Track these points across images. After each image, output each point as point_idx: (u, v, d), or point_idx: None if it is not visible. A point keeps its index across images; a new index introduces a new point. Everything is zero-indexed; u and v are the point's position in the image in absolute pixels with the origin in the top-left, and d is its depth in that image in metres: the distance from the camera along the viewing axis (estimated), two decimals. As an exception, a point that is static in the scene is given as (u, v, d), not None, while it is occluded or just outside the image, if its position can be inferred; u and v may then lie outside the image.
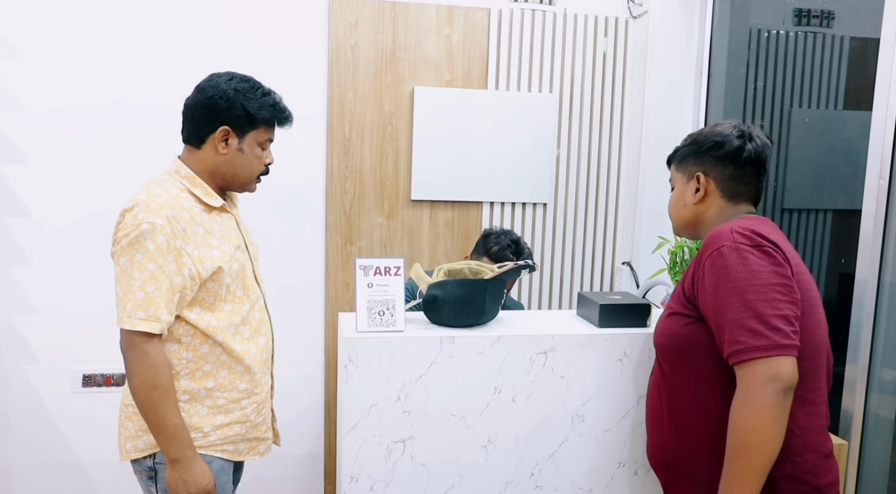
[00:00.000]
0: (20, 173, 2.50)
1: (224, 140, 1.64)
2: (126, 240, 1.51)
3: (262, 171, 1.73)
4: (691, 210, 1.51)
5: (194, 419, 1.60)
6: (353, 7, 2.63)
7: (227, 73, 1.67)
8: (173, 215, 1.54)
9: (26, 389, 2.60)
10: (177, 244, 1.53)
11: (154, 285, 1.50)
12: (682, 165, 1.53)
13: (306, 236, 2.73)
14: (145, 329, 1.50)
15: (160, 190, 1.58)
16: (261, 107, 1.65)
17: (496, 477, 1.66)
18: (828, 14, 2.79)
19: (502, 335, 1.62)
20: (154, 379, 1.51)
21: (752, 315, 1.25)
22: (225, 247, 1.62)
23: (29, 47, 2.45)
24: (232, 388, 1.64)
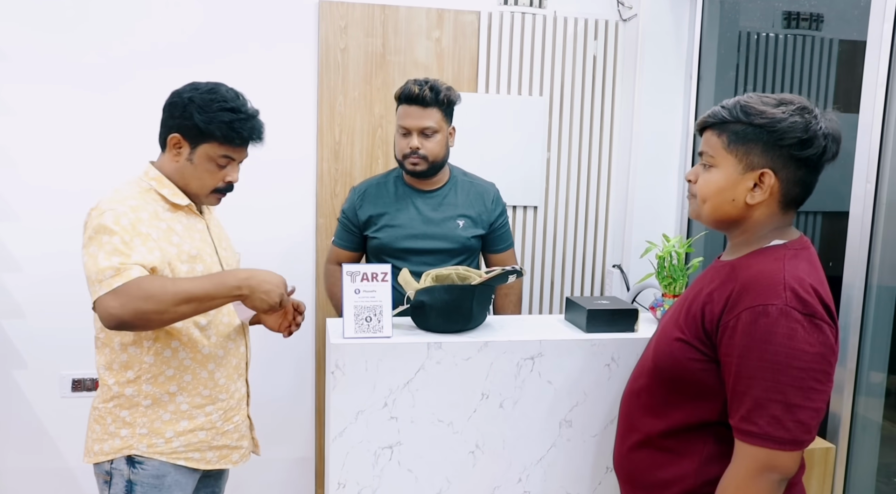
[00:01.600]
0: (9, 177, 2.49)
1: (176, 147, 1.63)
2: (91, 230, 1.51)
3: (220, 188, 1.68)
4: (740, 208, 1.26)
5: (156, 424, 1.60)
6: (342, 10, 2.62)
7: (203, 82, 1.65)
8: (136, 205, 1.55)
9: (15, 394, 2.59)
10: (142, 229, 1.52)
11: (119, 256, 1.46)
12: (739, 147, 1.24)
13: (296, 240, 2.72)
14: (121, 281, 1.43)
15: (125, 187, 1.61)
16: (210, 121, 1.59)
17: (484, 483, 1.66)
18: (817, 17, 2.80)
19: (489, 340, 1.62)
20: (157, 295, 1.44)
21: (780, 400, 1.12)
22: (185, 246, 1.61)
23: (17, 51, 2.44)
24: (195, 393, 1.63)
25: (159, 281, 1.48)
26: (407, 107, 2.12)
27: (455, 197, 2.23)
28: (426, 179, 2.21)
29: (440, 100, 2.11)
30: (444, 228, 2.18)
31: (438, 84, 2.13)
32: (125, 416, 1.60)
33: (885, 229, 1.85)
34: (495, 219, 2.28)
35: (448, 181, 2.25)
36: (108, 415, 1.61)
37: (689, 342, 1.26)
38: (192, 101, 1.59)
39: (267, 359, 2.72)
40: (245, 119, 1.63)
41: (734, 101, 1.26)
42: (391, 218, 2.19)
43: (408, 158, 2.13)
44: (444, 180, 2.24)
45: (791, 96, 1.24)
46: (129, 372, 1.59)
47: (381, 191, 2.23)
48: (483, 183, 2.31)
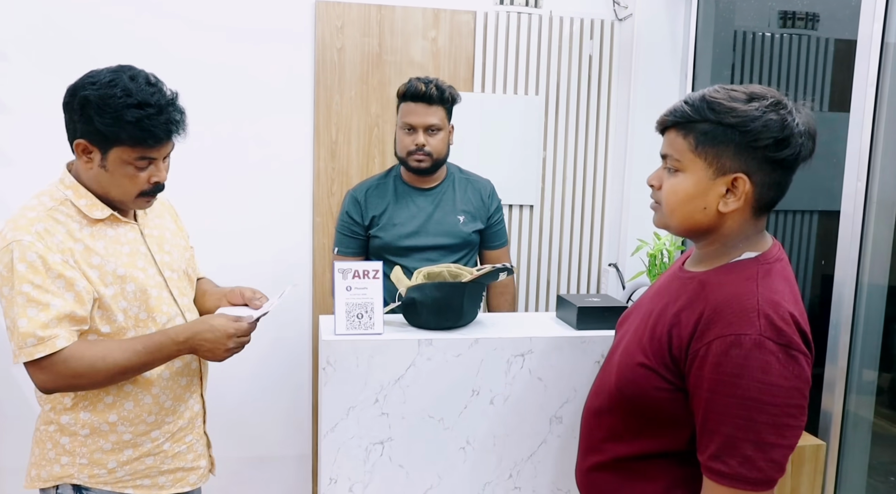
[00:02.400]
0: (6, 177, 2.51)
1: (86, 154, 1.43)
2: (1, 267, 1.36)
3: (146, 190, 1.47)
4: (712, 217, 1.15)
5: (96, 455, 1.48)
6: (339, 10, 2.64)
7: (103, 71, 1.43)
8: (44, 229, 1.38)
9: (15, 392, 2.60)
10: (54, 260, 1.36)
11: (36, 308, 1.34)
12: (708, 149, 1.11)
13: (293, 239, 2.74)
14: (44, 353, 1.34)
15: (34, 202, 1.43)
16: (115, 122, 1.36)
17: (475, 478, 1.68)
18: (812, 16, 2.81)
19: (480, 337, 1.63)
20: (87, 374, 1.37)
21: (752, 439, 1.04)
22: (109, 266, 1.44)
23: (14, 51, 2.46)
24: (139, 421, 1.51)
25: (88, 356, 1.37)
26: (412, 105, 2.14)
27: (453, 193, 2.26)
28: (426, 177, 2.23)
29: (445, 99, 2.15)
30: (445, 225, 2.21)
31: (442, 82, 2.16)
32: (65, 443, 1.48)
33: (875, 227, 1.86)
34: (492, 213, 2.31)
35: (445, 178, 2.27)
36: (48, 440, 1.49)
37: (654, 369, 1.16)
38: (88, 101, 1.37)
39: (263, 357, 2.73)
40: (156, 113, 1.39)
41: (699, 96, 1.14)
42: (392, 216, 2.21)
43: (412, 155, 2.15)
44: (442, 177, 2.27)
45: (762, 89, 1.13)
46: (66, 399, 1.47)
47: (383, 191, 2.25)
48: (479, 179, 2.34)
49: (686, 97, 1.17)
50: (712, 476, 1.08)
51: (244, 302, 1.69)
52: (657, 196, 1.23)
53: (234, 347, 1.51)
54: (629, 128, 2.85)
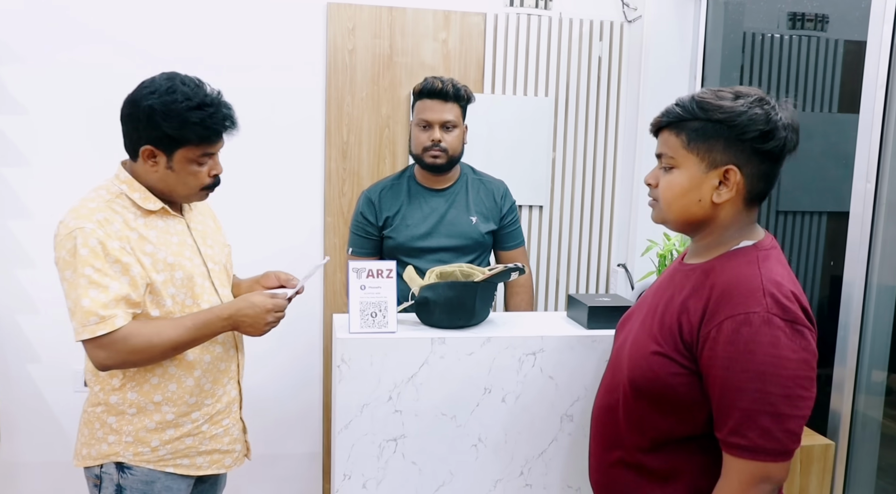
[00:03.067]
0: (22, 175, 2.54)
1: (151, 158, 1.54)
2: (64, 252, 1.47)
3: (208, 184, 1.62)
4: (706, 209, 1.22)
5: (141, 433, 1.58)
6: (350, 12, 2.66)
7: (157, 79, 1.54)
8: (104, 218, 1.50)
9: (29, 388, 2.64)
10: (112, 246, 1.48)
11: (97, 289, 1.45)
12: (700, 145, 1.19)
13: (304, 238, 2.76)
14: (105, 330, 1.45)
15: (93, 195, 1.55)
16: (182, 125, 1.49)
17: (486, 476, 1.69)
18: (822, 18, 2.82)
19: (492, 336, 1.65)
20: (144, 350, 1.49)
21: (768, 411, 1.09)
22: (160, 254, 1.56)
23: (31, 51, 2.50)
24: (181, 402, 1.61)
25: (145, 332, 1.49)
26: (428, 102, 2.15)
27: (466, 194, 2.27)
28: (440, 175, 2.23)
29: (460, 96, 2.16)
30: (458, 226, 2.22)
31: (457, 81, 2.19)
32: (112, 423, 1.58)
33: (884, 228, 1.87)
34: (505, 214, 2.32)
35: (459, 179, 2.28)
36: (96, 420, 1.59)
37: (668, 355, 1.21)
38: (154, 110, 1.48)
39: (275, 355, 2.76)
40: (214, 111, 1.53)
41: (688, 98, 1.22)
42: (406, 217, 2.22)
43: (428, 151, 2.15)
44: (455, 178, 2.27)
45: (747, 88, 1.20)
46: (115, 380, 1.57)
47: (397, 192, 2.25)
48: (493, 180, 2.35)
49: (677, 100, 1.24)
50: (733, 450, 1.13)
51: (280, 284, 1.79)
52: (654, 193, 1.30)
53: (273, 321, 1.63)
54: (638, 129, 2.87)
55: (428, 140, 2.15)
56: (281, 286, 1.79)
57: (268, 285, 1.80)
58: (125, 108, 1.55)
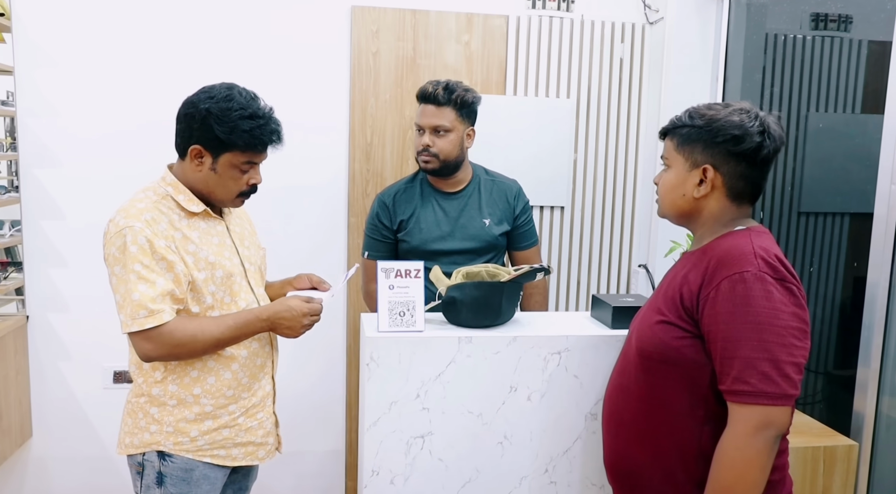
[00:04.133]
0: (56, 177, 2.60)
1: (198, 158, 1.63)
2: (114, 249, 1.56)
3: (245, 191, 1.70)
4: (690, 202, 1.39)
5: (181, 424, 1.65)
6: (374, 15, 2.70)
7: (217, 87, 1.64)
8: (152, 218, 1.58)
9: (61, 384, 2.70)
10: (159, 244, 1.56)
11: (146, 284, 1.54)
12: (685, 147, 1.37)
13: (328, 238, 2.80)
14: (154, 324, 1.53)
15: (141, 195, 1.64)
16: (232, 131, 1.59)
17: (511, 473, 1.72)
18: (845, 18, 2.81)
19: (518, 335, 1.67)
20: (188, 344, 1.57)
21: (766, 357, 1.21)
22: (202, 253, 1.64)
23: (65, 56, 2.55)
24: (219, 394, 1.68)
25: (189, 328, 1.58)
26: (422, 106, 2.17)
27: (479, 196, 2.27)
28: (445, 179, 2.23)
29: (453, 100, 2.13)
30: (470, 228, 2.23)
31: (455, 84, 2.16)
32: (154, 413, 1.66)
33: (909, 230, 1.87)
34: (518, 214, 2.31)
35: (471, 181, 2.28)
36: (139, 411, 1.67)
37: (671, 321, 1.34)
38: (210, 113, 1.59)
39: (299, 354, 2.80)
40: (264, 123, 1.63)
41: (688, 109, 1.40)
42: (419, 220, 2.23)
43: (420, 155, 2.18)
44: (468, 180, 2.28)
45: (740, 103, 1.36)
46: (157, 373, 1.65)
47: (411, 194, 2.27)
48: (505, 180, 2.35)
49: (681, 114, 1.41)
50: (736, 397, 1.23)
51: (312, 285, 1.87)
52: (657, 191, 1.48)
53: (308, 325, 1.70)
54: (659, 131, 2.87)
55: (420, 144, 2.17)
56: (313, 287, 1.86)
57: (299, 286, 1.87)
58: (183, 108, 1.64)
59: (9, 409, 2.52)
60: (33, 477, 2.74)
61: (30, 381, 2.68)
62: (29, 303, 2.65)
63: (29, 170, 2.59)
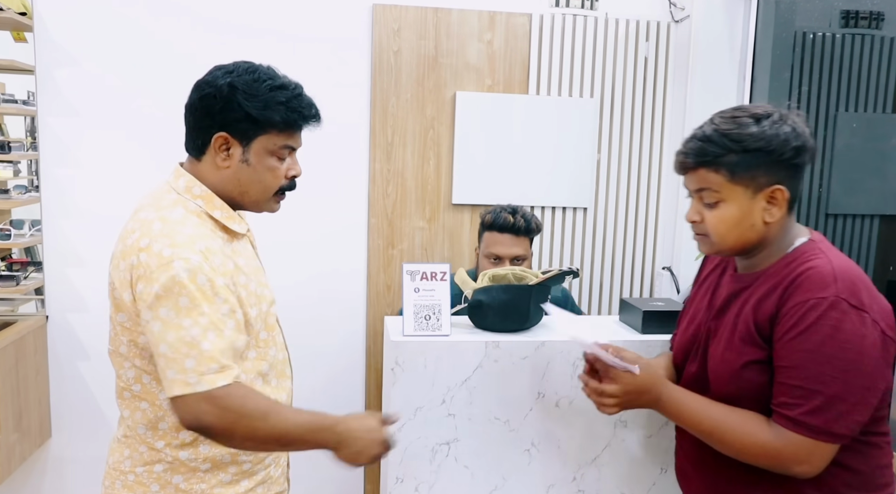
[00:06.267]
0: (74, 177, 2.59)
1: (224, 150, 1.31)
2: (158, 287, 1.18)
3: (285, 186, 1.37)
4: (760, 231, 1.27)
5: (216, 489, 1.33)
6: (396, 13, 2.66)
7: (232, 63, 1.35)
8: (207, 248, 1.23)
9: (79, 385, 2.69)
10: (219, 283, 1.22)
11: (216, 333, 1.19)
12: (742, 176, 1.23)
13: (348, 239, 2.77)
14: (226, 381, 1.17)
15: (178, 216, 1.26)
16: (266, 105, 1.28)
17: (539, 481, 1.68)
18: (877, 15, 2.75)
19: (546, 340, 1.63)
20: (256, 420, 1.20)
21: (844, 397, 1.16)
22: (252, 285, 1.34)
23: (86, 55, 2.54)
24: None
25: (263, 402, 1.23)
26: (498, 235, 2.17)
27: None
28: None
29: (531, 229, 2.19)
30: None
31: (527, 212, 2.22)
32: (178, 482, 1.32)
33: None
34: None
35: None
36: (155, 482, 1.31)
37: (756, 360, 1.26)
38: (235, 88, 1.28)
39: (317, 356, 2.77)
40: (300, 94, 1.35)
41: (712, 132, 1.25)
42: None
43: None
44: None
45: (758, 108, 1.26)
46: (184, 434, 1.30)
47: None
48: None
49: (697, 135, 1.29)
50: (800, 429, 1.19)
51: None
52: (701, 229, 1.33)
53: (377, 456, 1.34)
54: (685, 131, 2.82)
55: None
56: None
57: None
58: (194, 93, 1.33)
59: (28, 410, 2.51)
60: (52, 478, 2.73)
61: (49, 382, 2.67)
62: (49, 303, 2.63)
63: (49, 169, 2.58)
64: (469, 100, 2.71)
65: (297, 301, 2.72)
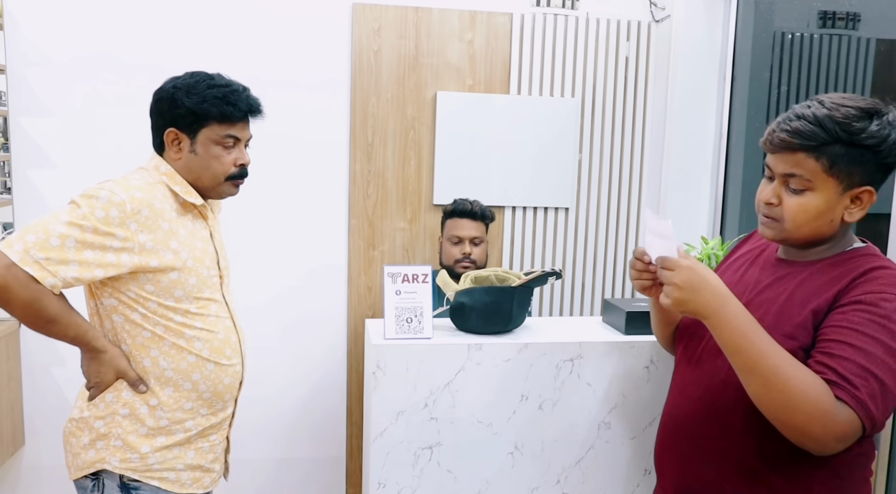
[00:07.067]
0: (48, 178, 2.53)
1: (176, 144, 1.55)
2: (80, 194, 1.40)
3: (234, 174, 1.58)
4: (835, 228, 1.20)
5: (131, 437, 1.49)
6: (376, 13, 2.64)
7: (185, 73, 1.58)
8: (141, 197, 1.43)
9: (54, 391, 2.63)
10: (131, 227, 1.41)
11: (76, 250, 1.36)
12: (843, 170, 1.15)
13: (329, 240, 2.74)
14: (36, 274, 1.33)
15: (136, 177, 1.51)
16: (203, 100, 1.51)
17: (522, 484, 1.67)
18: (854, 16, 2.77)
19: (529, 342, 1.62)
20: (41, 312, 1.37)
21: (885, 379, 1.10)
22: (183, 254, 1.50)
23: (59, 54, 2.49)
24: (177, 408, 1.52)
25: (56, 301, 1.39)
26: (459, 220, 2.46)
27: None
28: None
29: (486, 216, 2.49)
30: None
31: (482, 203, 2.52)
32: (100, 427, 1.50)
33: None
34: None
35: None
36: (86, 428, 1.52)
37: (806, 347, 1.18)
38: (178, 88, 1.53)
39: (298, 358, 2.74)
40: (239, 91, 1.56)
41: (825, 118, 1.15)
42: None
43: (459, 263, 2.44)
44: None
45: (872, 103, 1.16)
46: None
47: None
48: None
49: (806, 115, 1.17)
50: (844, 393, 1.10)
51: None
52: (775, 212, 1.24)
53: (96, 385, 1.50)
54: (666, 130, 2.83)
55: (459, 253, 2.44)
56: None
57: None
58: (153, 99, 1.58)
59: (1, 417, 2.45)
60: (26, 487, 2.67)
61: (22, 388, 2.61)
62: (21, 308, 2.58)
63: (22, 171, 2.52)
64: (450, 100, 2.70)
65: (278, 303, 2.69)
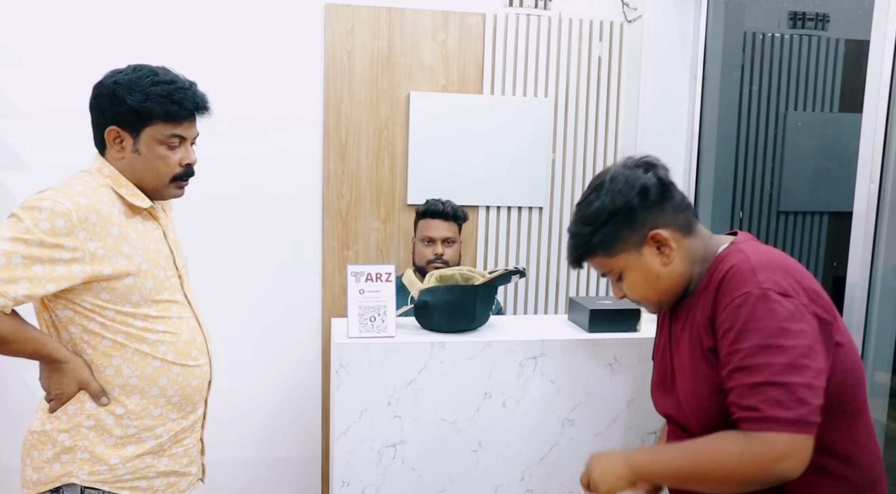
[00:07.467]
0: (19, 179, 2.52)
1: (118, 142, 1.45)
2: (21, 206, 1.35)
3: (179, 174, 1.50)
4: (671, 274, 1.27)
5: (98, 449, 1.44)
6: (348, 13, 2.64)
7: (127, 66, 1.49)
8: (87, 204, 1.36)
9: (25, 393, 2.62)
10: (79, 236, 1.34)
11: (24, 267, 1.30)
12: (616, 246, 1.26)
13: (303, 241, 2.74)
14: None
15: (78, 181, 1.42)
16: (147, 97, 1.42)
17: (487, 482, 1.67)
18: (823, 17, 2.80)
19: (493, 340, 1.63)
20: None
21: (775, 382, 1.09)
22: (136, 258, 1.43)
23: (29, 55, 2.47)
24: (145, 415, 1.47)
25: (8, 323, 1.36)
26: (431, 221, 2.46)
27: None
28: None
29: (458, 216, 2.49)
30: None
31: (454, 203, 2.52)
32: (64, 440, 1.45)
33: (888, 229, 1.85)
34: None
35: None
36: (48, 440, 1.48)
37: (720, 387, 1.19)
38: (119, 84, 1.43)
39: (272, 359, 2.74)
40: (185, 88, 1.47)
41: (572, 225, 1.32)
42: None
43: (432, 263, 2.43)
44: None
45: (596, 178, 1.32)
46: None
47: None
48: None
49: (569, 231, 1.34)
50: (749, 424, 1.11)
51: None
52: (635, 299, 1.35)
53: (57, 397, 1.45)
54: (638, 129, 2.85)
55: (432, 253, 2.44)
56: None
57: None
58: (92, 93, 1.48)
59: (-29, 420, 2.44)
60: (-2, 489, 2.66)
61: (-6, 390, 2.60)
62: (-8, 310, 2.56)
63: (-9, 172, 2.51)
64: (423, 101, 2.70)
65: (252, 304, 2.69)
